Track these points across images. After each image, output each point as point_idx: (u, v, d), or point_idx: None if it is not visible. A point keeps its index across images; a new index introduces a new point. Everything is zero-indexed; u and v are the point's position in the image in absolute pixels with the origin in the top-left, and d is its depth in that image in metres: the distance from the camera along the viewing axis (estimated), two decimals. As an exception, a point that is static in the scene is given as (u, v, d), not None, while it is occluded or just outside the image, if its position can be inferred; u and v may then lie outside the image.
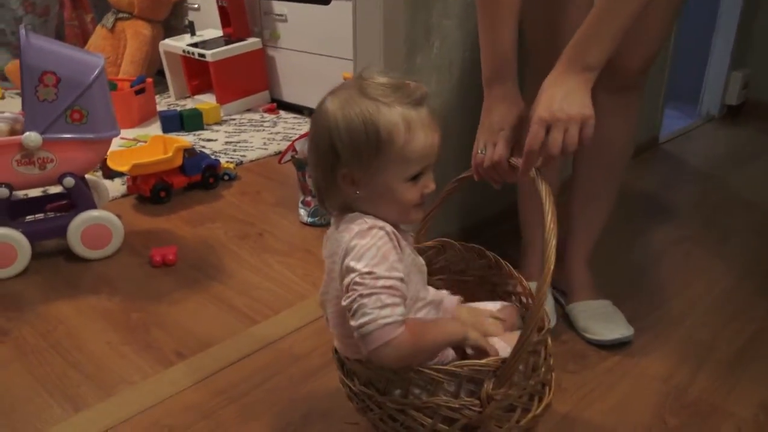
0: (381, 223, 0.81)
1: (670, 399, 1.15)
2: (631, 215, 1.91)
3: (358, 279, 0.76)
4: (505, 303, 1.01)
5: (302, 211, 1.83)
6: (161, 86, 3.12)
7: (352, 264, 0.77)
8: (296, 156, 1.78)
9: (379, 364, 0.80)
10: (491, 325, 0.92)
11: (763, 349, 1.29)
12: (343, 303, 0.78)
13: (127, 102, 2.62)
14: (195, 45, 2.84)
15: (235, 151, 2.37)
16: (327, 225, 1.75)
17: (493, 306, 0.99)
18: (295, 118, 2.81)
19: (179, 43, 2.89)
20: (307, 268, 1.59)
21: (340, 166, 0.80)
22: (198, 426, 1.09)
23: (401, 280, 0.78)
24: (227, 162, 2.20)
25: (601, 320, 1.31)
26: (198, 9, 3.19)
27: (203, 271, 1.58)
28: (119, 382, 1.20)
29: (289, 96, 2.94)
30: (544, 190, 0.83)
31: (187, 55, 2.85)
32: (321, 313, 1.38)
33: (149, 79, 2.78)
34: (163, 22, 3.23)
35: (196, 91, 3.03)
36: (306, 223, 1.81)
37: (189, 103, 2.94)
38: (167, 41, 2.96)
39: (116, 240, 1.64)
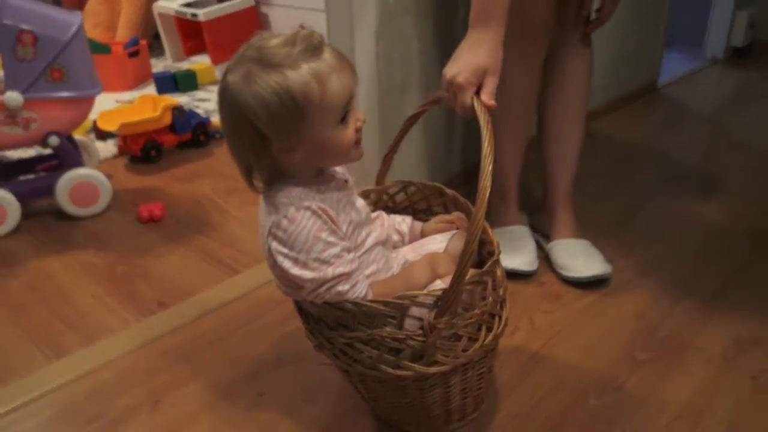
0: (306, 203, 0.81)
1: (642, 335, 1.16)
2: (622, 159, 1.88)
3: (308, 282, 0.81)
4: (452, 230, 1.01)
5: (289, 165, 1.83)
6: (158, 49, 3.12)
7: (287, 255, 0.81)
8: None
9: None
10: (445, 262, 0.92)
11: (741, 288, 1.28)
12: (307, 297, 0.84)
13: (121, 65, 2.62)
14: (187, 5, 2.82)
15: (227, 109, 2.37)
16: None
17: (442, 238, 0.99)
18: (290, 75, 2.79)
19: (172, 4, 2.87)
20: (292, 220, 1.60)
21: (270, 144, 0.80)
22: (174, 369, 1.12)
23: (346, 249, 0.82)
24: (218, 120, 2.20)
25: (580, 258, 1.31)
26: (192, -31, 3.15)
27: (189, 226, 1.60)
28: (101, 330, 1.23)
29: (284, 54, 2.91)
30: (482, 115, 0.84)
31: (180, 15, 2.83)
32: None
33: (143, 41, 2.78)
34: (157, -17, 3.21)
35: (191, 52, 3.02)
36: (293, 177, 1.82)
37: (185, 65, 2.93)
38: (160, 2, 2.94)
39: (104, 198, 1.67)
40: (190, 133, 2.03)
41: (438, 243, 0.99)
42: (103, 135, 2.09)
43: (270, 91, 0.76)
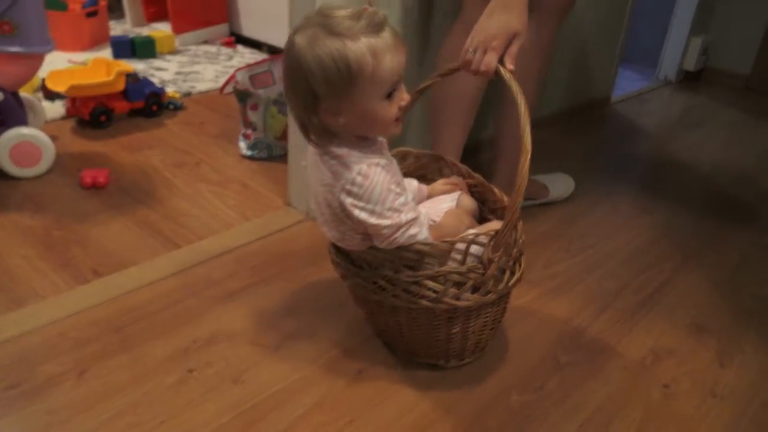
0: (375, 159, 0.92)
1: (567, 339, 1.20)
2: (568, 168, 1.93)
3: (386, 229, 0.92)
4: (456, 191, 1.16)
5: (242, 144, 1.82)
6: (118, 12, 3.03)
7: (364, 208, 0.91)
8: (238, 87, 1.76)
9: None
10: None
11: (665, 300, 1.34)
12: (380, 245, 0.94)
13: (77, 24, 2.55)
14: (153, -30, 2.75)
15: (184, 81, 2.33)
16: (266, 158, 1.78)
17: (451, 197, 1.14)
18: (252, 53, 2.76)
19: (137, -33, 2.80)
20: (239, 199, 1.60)
21: (320, 102, 0.88)
22: (104, 339, 1.11)
23: (407, 197, 0.95)
24: (173, 92, 2.17)
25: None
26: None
27: (133, 196, 1.58)
28: (31, 295, 1.21)
29: (248, 30, 2.87)
30: (516, 89, 0.93)
31: (144, -21, 2.76)
32: (243, 242, 1.41)
33: (103, 2, 2.70)
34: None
35: (153, 18, 2.95)
36: (245, 156, 1.81)
37: (145, 31, 2.86)
38: (124, -36, 2.86)
39: (46, 159, 1.62)
40: (143, 102, 1.99)
41: (449, 201, 1.12)
42: (51, 95, 2.02)
43: (329, 56, 0.85)
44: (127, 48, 2.53)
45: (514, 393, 1.07)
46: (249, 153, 1.80)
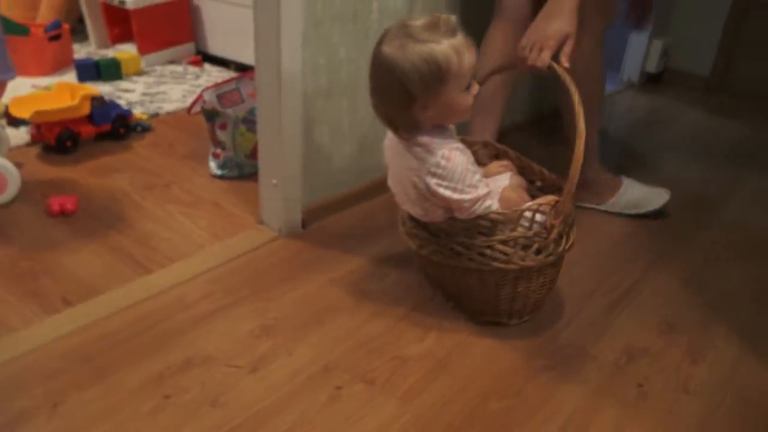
0: (454, 144, 1.09)
1: (543, 343, 1.22)
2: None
3: (467, 202, 1.09)
4: (508, 171, 1.30)
5: (212, 164, 1.81)
6: (82, 34, 3.00)
7: (449, 187, 1.08)
8: (206, 106, 1.76)
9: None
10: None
11: (636, 301, 1.36)
12: (461, 216, 1.11)
13: (40, 48, 2.51)
14: (115, -9, 2.73)
15: (152, 102, 2.32)
16: (237, 177, 1.78)
17: (505, 177, 1.27)
18: (219, 71, 2.75)
19: (99, -11, 2.78)
20: (211, 219, 1.59)
21: (414, 101, 1.04)
22: (76, 370, 1.09)
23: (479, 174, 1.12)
24: (141, 113, 2.15)
25: (643, 196, 1.67)
26: (121, -46, 3.05)
27: (103, 221, 1.56)
28: None
29: (215, 49, 2.86)
30: (569, 81, 1.10)
31: (108, 1, 2.73)
32: (216, 263, 1.40)
33: (65, 25, 2.67)
34: (84, -34, 3.09)
35: (117, 39, 2.92)
36: (215, 176, 1.80)
37: (110, 53, 2.84)
38: (86, -14, 2.84)
39: (12, 188, 1.59)
40: (110, 125, 1.97)
41: (504, 180, 1.25)
42: (15, 121, 1.99)
43: (421, 59, 1.00)
44: (92, 71, 2.50)
45: (492, 400, 1.08)
46: (219, 172, 1.79)
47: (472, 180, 1.08)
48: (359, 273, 1.40)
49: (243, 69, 2.63)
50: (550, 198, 1.13)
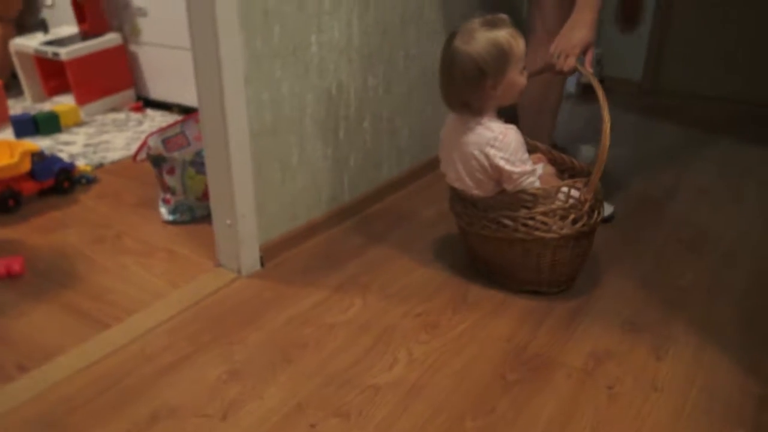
0: (509, 125, 1.32)
1: (511, 357, 1.23)
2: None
3: (516, 174, 1.30)
4: (541, 162, 1.48)
5: (163, 210, 1.78)
6: (16, 89, 2.93)
7: (503, 157, 1.29)
8: (151, 152, 1.73)
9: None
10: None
11: (597, 305, 1.39)
12: (509, 187, 1.32)
13: (-28, 107, 2.44)
14: (49, 43, 2.68)
15: (95, 153, 2.27)
16: (190, 221, 1.75)
17: (539, 166, 1.44)
18: (162, 115, 2.72)
19: (31, 42, 2.72)
20: (167, 267, 1.55)
21: (487, 80, 1.27)
22: (37, 438, 1.05)
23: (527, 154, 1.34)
24: (84, 165, 2.10)
25: None
26: (52, 5, 3.01)
27: (53, 280, 1.51)
28: (-50, 403, 1.13)
29: (156, 93, 2.83)
30: (595, 83, 1.35)
31: (41, 55, 2.68)
32: (175, 311, 1.37)
33: (-1, 82, 2.60)
34: (14, 20, 3.02)
35: (54, 92, 2.86)
36: (167, 222, 1.77)
37: (47, 106, 2.77)
38: (18, 40, 2.78)
39: (-47, 255, 1.53)
40: (53, 180, 1.92)
41: (539, 169, 1.41)
42: (-49, 185, 1.92)
43: (490, 44, 1.26)
44: (30, 126, 2.44)
45: (467, 419, 1.08)
46: (171, 218, 1.76)
47: (522, 156, 1.30)
48: (323, 306, 1.39)
49: (187, 111, 2.60)
50: (576, 181, 1.34)
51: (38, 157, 1.90)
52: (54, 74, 2.82)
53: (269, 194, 1.53)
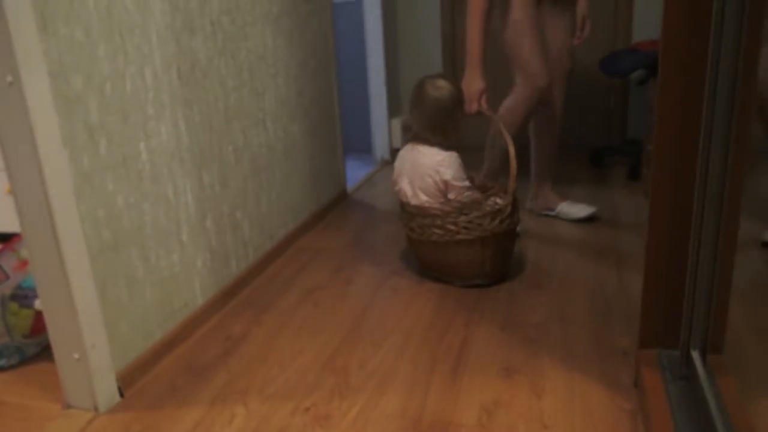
0: (451, 152, 1.81)
1: (411, 430, 1.23)
2: (338, 265, 2.02)
3: (459, 188, 1.79)
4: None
5: (-19, 357, 1.53)
6: None
7: (452, 175, 1.78)
8: (-42, 295, 1.49)
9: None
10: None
11: (472, 357, 1.46)
12: (451, 196, 1.80)
13: None
14: None
15: None
16: (20, 363, 1.52)
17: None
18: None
19: None
20: (1, 423, 1.33)
21: (455, 114, 1.82)
22: None
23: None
24: None
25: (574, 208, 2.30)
26: None
27: None
28: None
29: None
30: (494, 119, 1.94)
31: None
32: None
33: None
34: None
35: None
36: (-11, 370, 1.52)
37: None
38: None
39: None
40: None
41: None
42: None
43: (455, 92, 1.82)
44: None
45: (387, 507, 1.05)
46: (-5, 364, 1.52)
47: (464, 174, 1.82)
48: (203, 425, 1.28)
49: (4, 239, 2.28)
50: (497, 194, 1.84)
51: None
52: None
53: (119, 315, 1.40)
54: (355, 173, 3.00)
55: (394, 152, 3.21)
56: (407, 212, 1.83)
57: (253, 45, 1.92)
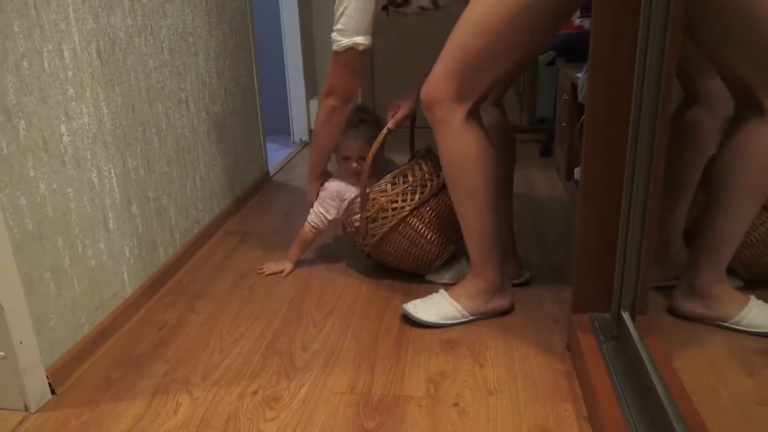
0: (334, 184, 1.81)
1: (362, 406, 1.25)
2: (270, 248, 2.00)
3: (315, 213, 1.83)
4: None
5: None
6: None
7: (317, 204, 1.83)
8: None
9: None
10: None
11: (413, 332, 1.50)
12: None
13: None
14: None
15: None
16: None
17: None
18: None
19: None
20: None
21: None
22: None
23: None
24: None
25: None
26: None
27: None
28: None
29: None
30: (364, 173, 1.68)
31: None
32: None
33: None
34: None
35: None
36: None
37: None
38: None
39: None
40: None
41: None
42: None
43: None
44: None
45: (347, 481, 1.07)
46: None
47: (326, 204, 1.83)
48: (148, 417, 1.24)
49: None
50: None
51: None
52: None
53: (46, 309, 1.32)
54: (275, 155, 2.96)
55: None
56: (348, 234, 1.78)
57: (172, 22, 1.84)
